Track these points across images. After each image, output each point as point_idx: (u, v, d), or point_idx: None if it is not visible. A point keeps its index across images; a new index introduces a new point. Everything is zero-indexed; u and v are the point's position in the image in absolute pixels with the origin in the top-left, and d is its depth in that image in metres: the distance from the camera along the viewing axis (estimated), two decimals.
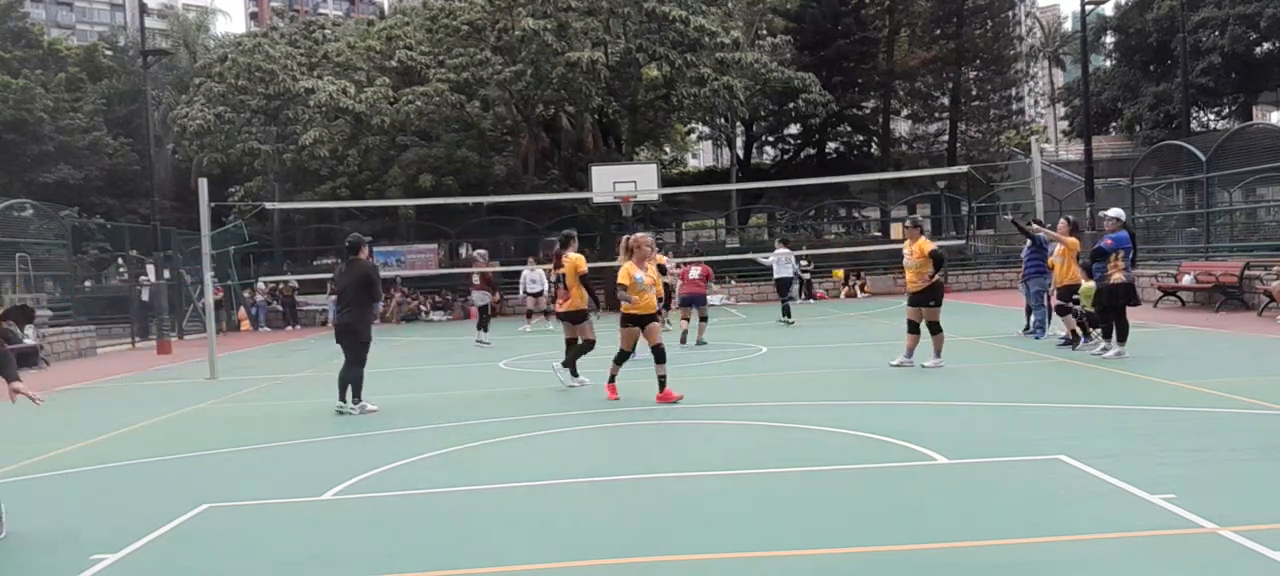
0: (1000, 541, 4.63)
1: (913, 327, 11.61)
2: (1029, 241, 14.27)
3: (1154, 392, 8.79)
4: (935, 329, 11.49)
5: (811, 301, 29.83)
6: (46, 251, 26.13)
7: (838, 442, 7.32)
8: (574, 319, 11.04)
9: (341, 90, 32.55)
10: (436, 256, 34.76)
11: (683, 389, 10.57)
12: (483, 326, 18.76)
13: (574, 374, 11.07)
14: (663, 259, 15.76)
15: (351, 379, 9.91)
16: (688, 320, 16.12)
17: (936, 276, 11.42)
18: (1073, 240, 12.55)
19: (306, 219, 36.87)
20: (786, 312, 19.55)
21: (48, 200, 32.11)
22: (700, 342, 15.61)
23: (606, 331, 11.11)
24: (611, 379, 9.89)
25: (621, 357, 9.95)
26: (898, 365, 11.38)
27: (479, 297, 19.48)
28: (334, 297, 10.86)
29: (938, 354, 11.42)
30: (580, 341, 11.09)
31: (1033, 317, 14.50)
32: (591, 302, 11.00)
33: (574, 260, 10.96)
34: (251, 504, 6.22)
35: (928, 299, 11.49)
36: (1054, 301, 13.16)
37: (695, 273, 16.30)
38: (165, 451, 8.25)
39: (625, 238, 9.61)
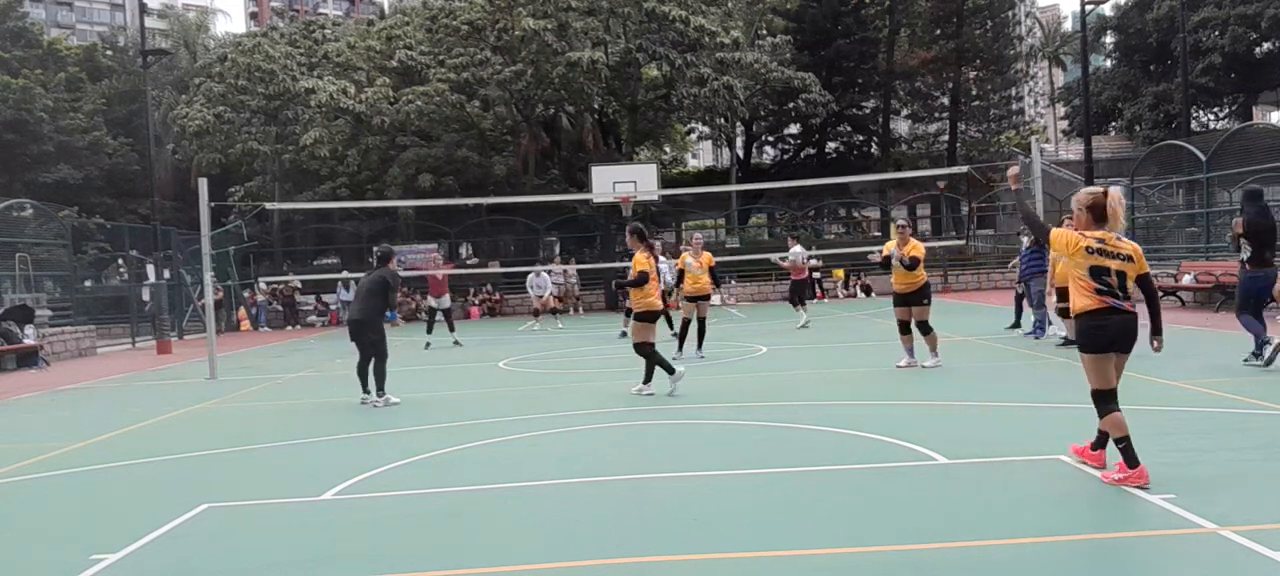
0: (1000, 541, 4.63)
1: (904, 328, 11.56)
2: (1028, 240, 14.24)
3: (1154, 392, 8.78)
4: (926, 329, 11.43)
5: (813, 301, 29.85)
6: (46, 251, 26.15)
7: (838, 442, 7.32)
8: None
9: (341, 90, 32.56)
10: (436, 257, 34.78)
11: (684, 388, 10.56)
12: (430, 329, 19.10)
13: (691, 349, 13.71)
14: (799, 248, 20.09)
15: (376, 373, 10.54)
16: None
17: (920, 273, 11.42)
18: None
19: (306, 219, 36.88)
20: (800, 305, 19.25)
21: (48, 200, 32.13)
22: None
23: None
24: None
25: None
26: (905, 365, 11.32)
27: (438, 301, 18.95)
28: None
29: (934, 353, 11.41)
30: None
31: (1033, 318, 14.46)
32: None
33: (709, 256, 14.30)
34: (251, 504, 6.21)
35: (920, 298, 11.44)
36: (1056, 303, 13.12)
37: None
38: (165, 451, 8.25)
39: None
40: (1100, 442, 5.96)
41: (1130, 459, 5.52)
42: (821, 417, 8.31)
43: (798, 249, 19.86)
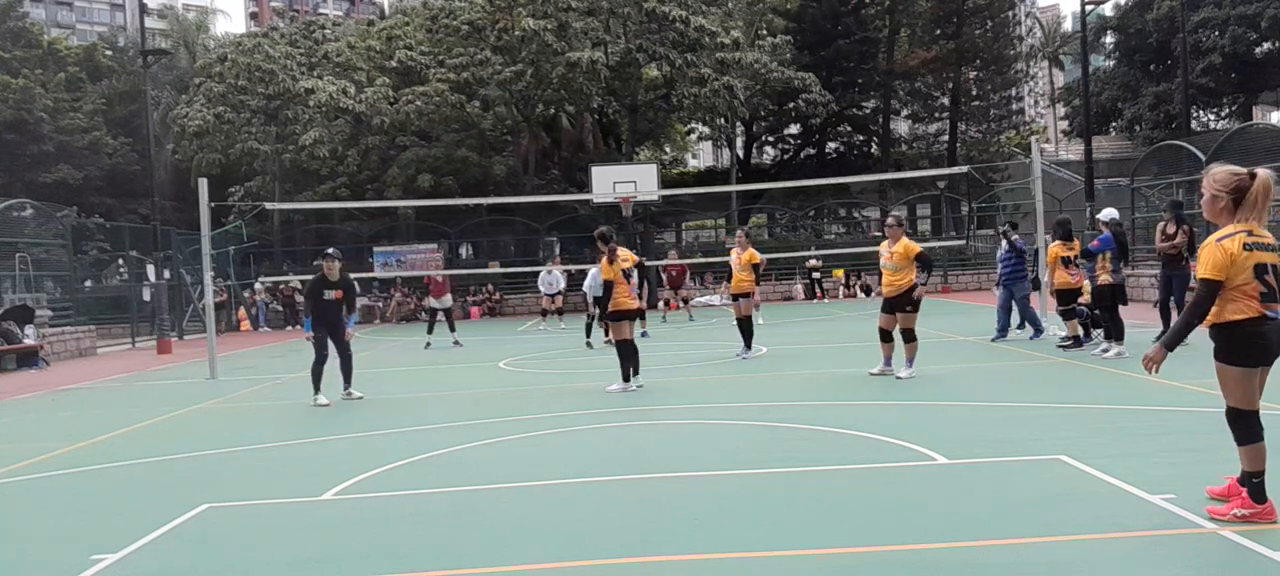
0: (1000, 541, 4.62)
1: (886, 337, 10.80)
2: (1005, 245, 14.27)
3: (1154, 392, 8.78)
4: (910, 337, 10.66)
5: (813, 301, 29.95)
6: (46, 251, 26.14)
7: (838, 442, 7.32)
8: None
9: (341, 90, 32.56)
10: (438, 258, 34.78)
11: (684, 388, 10.56)
12: (431, 329, 18.99)
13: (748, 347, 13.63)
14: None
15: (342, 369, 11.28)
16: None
17: (920, 281, 10.52)
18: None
19: (306, 219, 36.86)
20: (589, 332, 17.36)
21: (48, 200, 32.12)
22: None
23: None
24: None
25: None
26: (878, 372, 10.80)
27: (438, 301, 18.82)
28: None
29: (910, 362, 10.62)
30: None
31: (1027, 320, 14.42)
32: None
33: (753, 254, 14.05)
34: (251, 504, 6.21)
35: (905, 304, 10.64)
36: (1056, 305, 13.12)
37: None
38: (165, 451, 8.25)
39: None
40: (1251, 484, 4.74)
41: (1259, 493, 4.70)
42: (821, 418, 8.30)
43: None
